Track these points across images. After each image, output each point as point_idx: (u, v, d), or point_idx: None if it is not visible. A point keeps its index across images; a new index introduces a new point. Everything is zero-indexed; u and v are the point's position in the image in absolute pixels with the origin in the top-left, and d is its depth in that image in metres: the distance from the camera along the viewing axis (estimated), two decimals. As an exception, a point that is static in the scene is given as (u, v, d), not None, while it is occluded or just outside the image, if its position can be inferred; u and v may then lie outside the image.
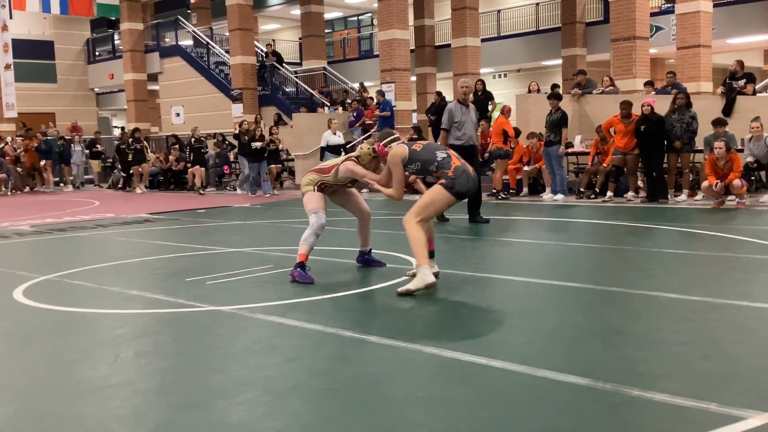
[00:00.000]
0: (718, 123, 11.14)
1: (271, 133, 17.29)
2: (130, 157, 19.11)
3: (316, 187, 5.90)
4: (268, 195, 15.84)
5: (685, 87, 13.66)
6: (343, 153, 14.83)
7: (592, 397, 3.06)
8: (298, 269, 5.69)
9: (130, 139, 19.33)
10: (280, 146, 17.82)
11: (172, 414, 3.05)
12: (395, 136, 5.61)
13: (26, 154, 21.01)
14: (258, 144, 15.90)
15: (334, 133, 15.93)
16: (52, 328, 4.64)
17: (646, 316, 4.42)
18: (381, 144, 5.56)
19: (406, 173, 5.45)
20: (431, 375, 3.42)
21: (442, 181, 5.24)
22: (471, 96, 10.14)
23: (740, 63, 12.94)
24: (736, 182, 10.07)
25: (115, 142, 20.81)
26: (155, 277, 6.38)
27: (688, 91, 12.80)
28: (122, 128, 31.54)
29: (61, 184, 21.50)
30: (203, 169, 18.32)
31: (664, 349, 3.72)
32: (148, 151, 19.74)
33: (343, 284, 5.60)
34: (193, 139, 18.72)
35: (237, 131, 16.96)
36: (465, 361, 3.57)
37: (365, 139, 15.84)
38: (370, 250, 6.33)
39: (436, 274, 5.41)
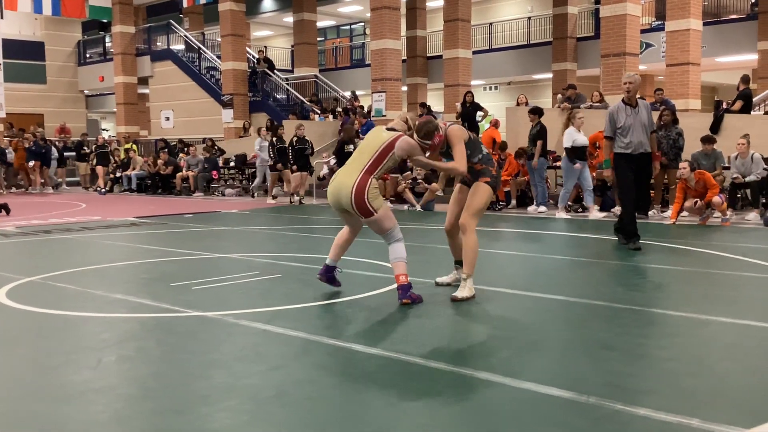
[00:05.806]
0: (706, 140, 11.23)
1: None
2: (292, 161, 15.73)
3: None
4: None
5: (673, 104, 13.76)
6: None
7: (575, 410, 3.06)
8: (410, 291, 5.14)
9: (295, 138, 15.28)
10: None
11: (154, 420, 3.03)
12: (437, 123, 5.31)
13: (15, 155, 20.87)
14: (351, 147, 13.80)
15: (578, 130, 11.80)
16: (35, 331, 4.60)
17: (632, 330, 4.43)
18: (439, 132, 5.20)
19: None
20: (414, 385, 3.41)
21: (487, 179, 5.32)
22: (637, 94, 7.86)
23: (745, 78, 13.10)
24: (716, 199, 9.99)
25: (271, 139, 16.02)
26: (140, 282, 6.34)
27: (677, 108, 12.88)
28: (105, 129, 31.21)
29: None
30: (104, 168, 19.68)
31: (650, 364, 3.73)
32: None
33: (328, 293, 5.58)
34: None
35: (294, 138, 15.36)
36: (449, 371, 3.56)
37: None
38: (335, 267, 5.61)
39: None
